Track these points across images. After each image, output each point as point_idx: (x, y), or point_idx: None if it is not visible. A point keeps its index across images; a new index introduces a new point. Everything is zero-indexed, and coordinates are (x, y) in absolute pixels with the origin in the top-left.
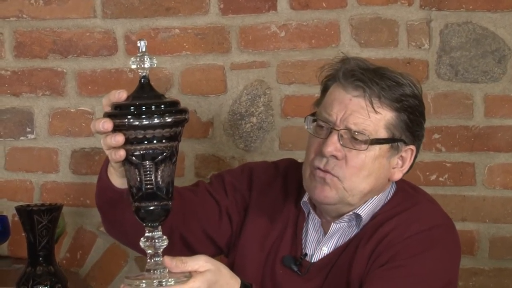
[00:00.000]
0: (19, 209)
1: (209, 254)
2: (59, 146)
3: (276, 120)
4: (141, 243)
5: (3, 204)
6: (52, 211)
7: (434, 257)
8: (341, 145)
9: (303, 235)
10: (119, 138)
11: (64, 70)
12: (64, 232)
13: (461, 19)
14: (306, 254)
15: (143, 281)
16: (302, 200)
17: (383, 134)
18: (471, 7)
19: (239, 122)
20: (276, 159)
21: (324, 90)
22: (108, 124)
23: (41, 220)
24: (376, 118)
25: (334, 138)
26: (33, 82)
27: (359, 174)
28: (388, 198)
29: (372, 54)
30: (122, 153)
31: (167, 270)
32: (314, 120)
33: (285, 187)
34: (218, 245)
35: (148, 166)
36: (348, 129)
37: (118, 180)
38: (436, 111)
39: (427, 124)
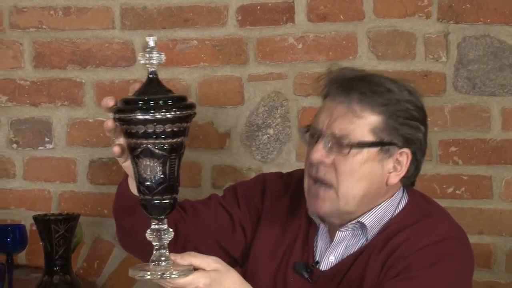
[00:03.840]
0: (37, 218)
1: None
2: (77, 156)
3: (293, 131)
4: (147, 235)
5: (21, 213)
6: (69, 221)
7: (447, 269)
8: (327, 150)
9: (314, 243)
10: (108, 123)
11: (83, 81)
12: (81, 242)
13: (478, 32)
14: (317, 262)
15: (148, 272)
16: (310, 210)
17: (369, 137)
18: (488, 20)
19: (256, 133)
20: (292, 170)
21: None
22: (110, 102)
23: (58, 230)
24: (359, 122)
25: (319, 145)
26: (52, 92)
27: (350, 179)
28: (400, 208)
29: (389, 67)
30: (115, 149)
31: (172, 263)
32: (307, 131)
33: (297, 196)
34: (233, 256)
35: (173, 159)
36: (333, 135)
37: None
38: (453, 124)
39: (443, 137)
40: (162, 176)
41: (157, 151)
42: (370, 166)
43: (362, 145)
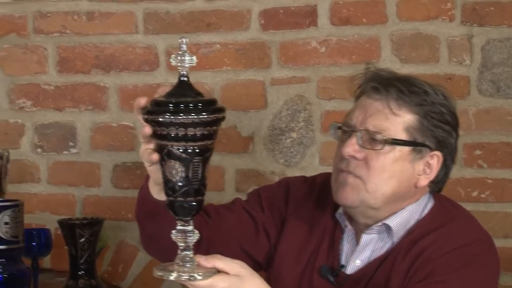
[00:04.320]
0: (62, 223)
1: None
2: (101, 160)
3: (316, 135)
4: (172, 236)
5: (45, 217)
6: (94, 225)
7: (473, 273)
8: (360, 145)
9: (339, 246)
10: (146, 129)
11: (107, 85)
12: (105, 246)
13: (502, 35)
14: (343, 266)
15: (172, 273)
16: (337, 212)
17: (403, 136)
18: None
19: (279, 137)
20: (315, 174)
21: (356, 101)
22: (142, 101)
23: (83, 234)
24: (395, 119)
25: (352, 139)
26: (76, 97)
27: (380, 176)
28: (425, 212)
29: (413, 70)
30: (155, 157)
31: (196, 264)
32: (339, 128)
33: (322, 199)
34: (257, 260)
35: (196, 162)
36: (367, 130)
37: (157, 192)
38: (477, 127)
39: (468, 140)
40: (185, 178)
41: (180, 153)
42: (401, 165)
43: (395, 142)
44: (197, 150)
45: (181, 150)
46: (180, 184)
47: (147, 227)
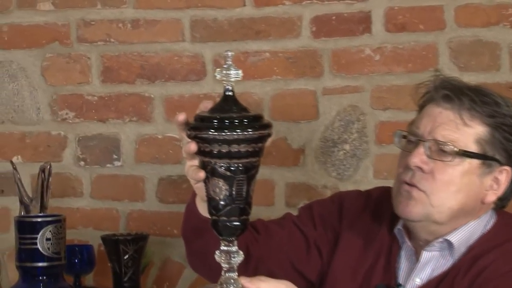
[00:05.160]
0: (105, 239)
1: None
2: (146, 174)
3: (370, 147)
4: (216, 257)
5: (88, 233)
6: (138, 241)
7: None
8: (428, 156)
9: (397, 264)
10: (191, 146)
11: (152, 96)
12: (150, 263)
13: None
14: (400, 285)
15: None
16: (396, 228)
17: (473, 148)
18: None
19: (332, 149)
20: (370, 188)
21: (420, 110)
22: (181, 117)
23: (127, 250)
24: (465, 131)
25: (420, 149)
26: (120, 107)
27: (447, 189)
28: (487, 228)
29: (472, 79)
30: (202, 175)
31: (240, 286)
32: (404, 137)
33: (378, 214)
34: (308, 279)
35: (240, 180)
36: (435, 140)
37: (204, 208)
38: None
39: None
40: (228, 196)
41: (223, 170)
42: (469, 179)
43: (466, 154)
44: (241, 168)
45: (224, 168)
46: (223, 202)
47: (194, 244)
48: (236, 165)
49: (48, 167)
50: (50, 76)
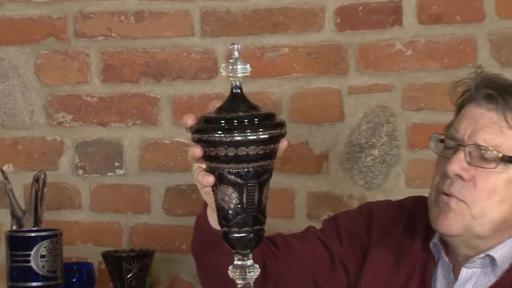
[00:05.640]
0: (106, 256)
1: None
2: (151, 183)
3: (401, 152)
4: (229, 272)
5: (88, 249)
6: (143, 258)
7: None
8: (468, 163)
9: (432, 282)
10: (196, 150)
11: (158, 96)
12: (156, 282)
13: None
14: None
15: None
16: (432, 242)
17: None
18: None
19: (358, 155)
20: (402, 198)
21: (458, 111)
22: (189, 120)
23: (130, 268)
24: (510, 134)
25: (460, 155)
26: (122, 109)
27: (490, 199)
28: None
29: None
30: (211, 180)
31: None
32: (441, 141)
33: (411, 227)
34: None
35: (251, 186)
36: (477, 145)
37: (216, 219)
38: None
39: None
40: (238, 205)
41: (232, 176)
42: None
43: (510, 161)
44: (251, 173)
45: (233, 173)
46: (233, 212)
47: (205, 260)
48: (246, 170)
49: (43, 176)
50: (45, 75)
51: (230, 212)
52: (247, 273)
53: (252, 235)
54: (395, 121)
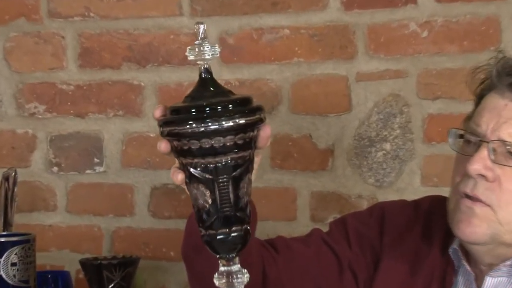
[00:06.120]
0: (85, 263)
1: None
2: (135, 182)
3: (416, 146)
4: (215, 280)
5: (64, 256)
6: (126, 266)
7: None
8: (492, 161)
9: None
10: (161, 145)
11: (142, 84)
12: None
13: None
14: None
15: None
16: (451, 247)
17: None
18: None
19: (368, 149)
20: (417, 197)
21: (478, 101)
22: (157, 111)
23: (112, 278)
24: None
25: (483, 152)
26: (102, 99)
27: None
28: None
29: None
30: (180, 177)
31: None
32: (461, 136)
33: (429, 230)
34: None
35: (222, 182)
36: (501, 141)
37: None
38: None
39: None
40: (212, 204)
41: (199, 172)
42: None
43: None
44: (225, 166)
45: (200, 169)
46: (207, 212)
47: (196, 264)
48: (218, 163)
49: (13, 174)
50: (15, 61)
51: (204, 212)
52: (235, 280)
53: (231, 236)
54: (409, 111)
